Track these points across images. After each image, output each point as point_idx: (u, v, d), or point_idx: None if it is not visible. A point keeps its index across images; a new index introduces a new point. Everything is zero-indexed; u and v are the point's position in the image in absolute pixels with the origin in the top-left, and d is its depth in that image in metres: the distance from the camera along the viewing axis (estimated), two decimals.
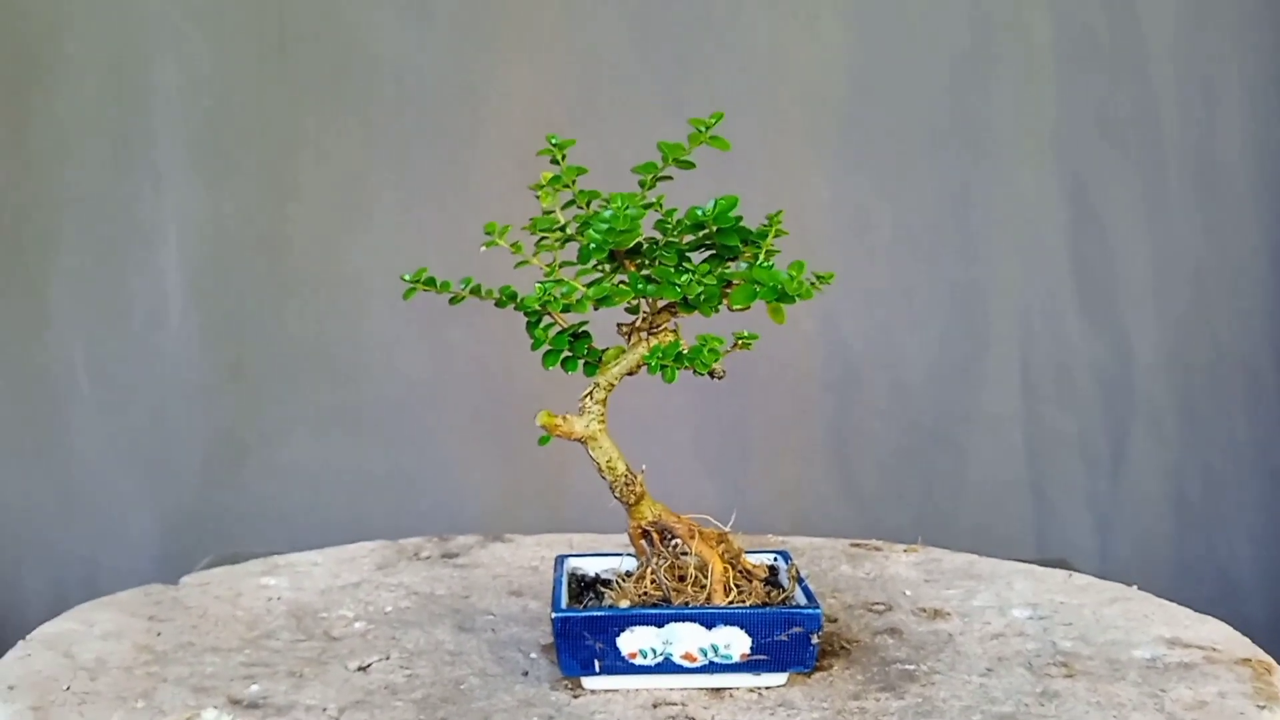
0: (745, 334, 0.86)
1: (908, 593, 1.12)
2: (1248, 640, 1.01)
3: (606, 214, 0.75)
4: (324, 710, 0.86)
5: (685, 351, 0.82)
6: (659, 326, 0.88)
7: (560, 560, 0.98)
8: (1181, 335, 1.75)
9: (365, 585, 1.11)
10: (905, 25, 1.70)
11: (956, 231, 1.73)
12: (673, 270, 0.83)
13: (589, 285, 0.82)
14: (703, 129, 0.79)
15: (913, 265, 1.74)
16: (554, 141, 0.81)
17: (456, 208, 1.59)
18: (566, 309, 0.81)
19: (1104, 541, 1.78)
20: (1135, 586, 1.16)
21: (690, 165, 0.82)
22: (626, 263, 0.87)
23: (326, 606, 1.06)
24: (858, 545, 1.28)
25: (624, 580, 0.94)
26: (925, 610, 1.07)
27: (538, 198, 0.90)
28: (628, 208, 0.76)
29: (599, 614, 0.86)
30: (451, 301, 0.87)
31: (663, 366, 0.81)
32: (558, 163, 0.81)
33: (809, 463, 1.78)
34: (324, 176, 1.68)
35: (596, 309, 0.83)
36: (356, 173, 1.68)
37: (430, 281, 0.86)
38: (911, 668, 0.94)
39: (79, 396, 1.66)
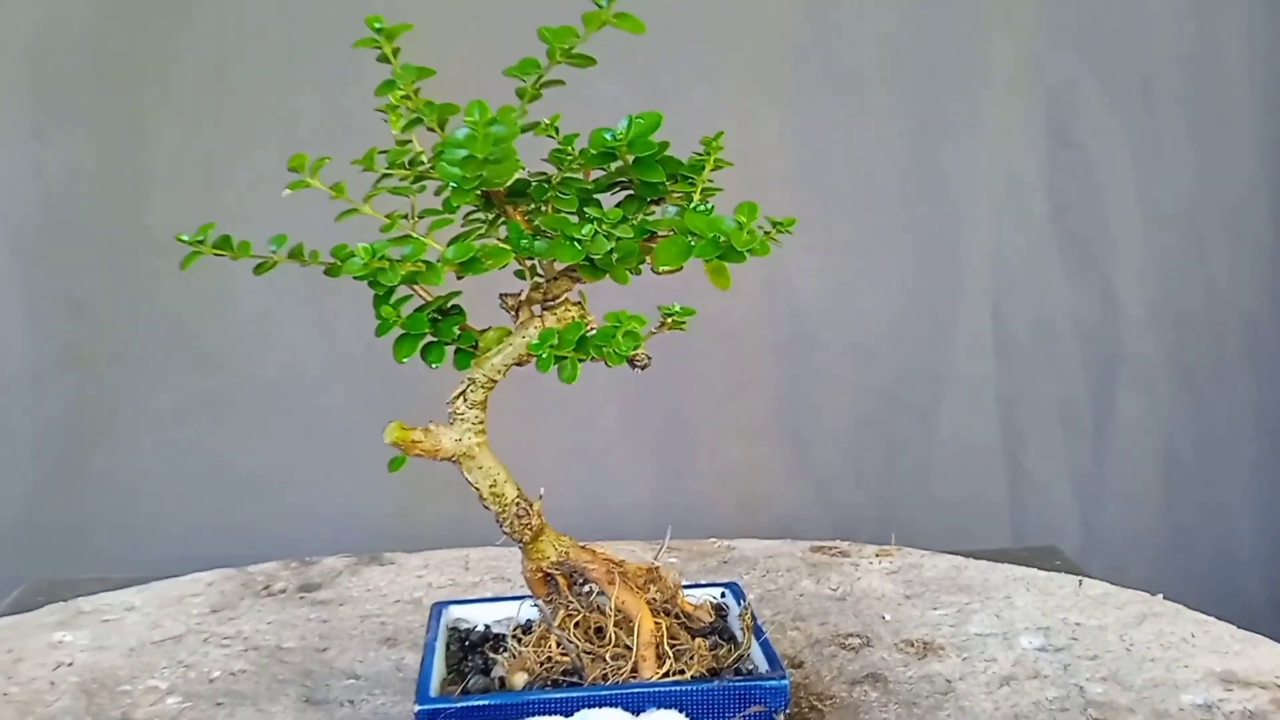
0: (677, 308, 0.61)
1: (887, 617, 0.89)
2: None
3: (461, 134, 0.50)
4: None
5: (591, 335, 0.58)
6: (556, 298, 0.64)
7: (437, 611, 0.73)
8: (1173, 284, 1.54)
9: (190, 639, 0.85)
10: None
11: (921, 171, 1.49)
12: (571, 219, 0.58)
13: (449, 244, 0.57)
14: (601, 3, 0.54)
15: (872, 210, 1.50)
16: (377, 26, 0.55)
17: (340, 158, 1.31)
18: (413, 279, 0.56)
19: (1087, 515, 1.58)
20: (1160, 596, 0.95)
21: (587, 61, 0.57)
22: (509, 209, 0.62)
23: (133, 674, 0.80)
24: (820, 549, 1.05)
25: (521, 638, 0.70)
26: (913, 644, 0.84)
27: (386, 122, 0.64)
28: (492, 124, 0.51)
29: (482, 703, 0.62)
30: (257, 270, 0.62)
31: (558, 359, 0.56)
32: (388, 60, 0.56)
33: (756, 439, 1.55)
34: (177, 121, 1.39)
35: (460, 277, 0.58)
36: (217, 117, 1.39)
37: (225, 243, 0.61)
38: None
39: None
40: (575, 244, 0.55)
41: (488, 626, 0.74)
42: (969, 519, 1.56)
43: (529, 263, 0.68)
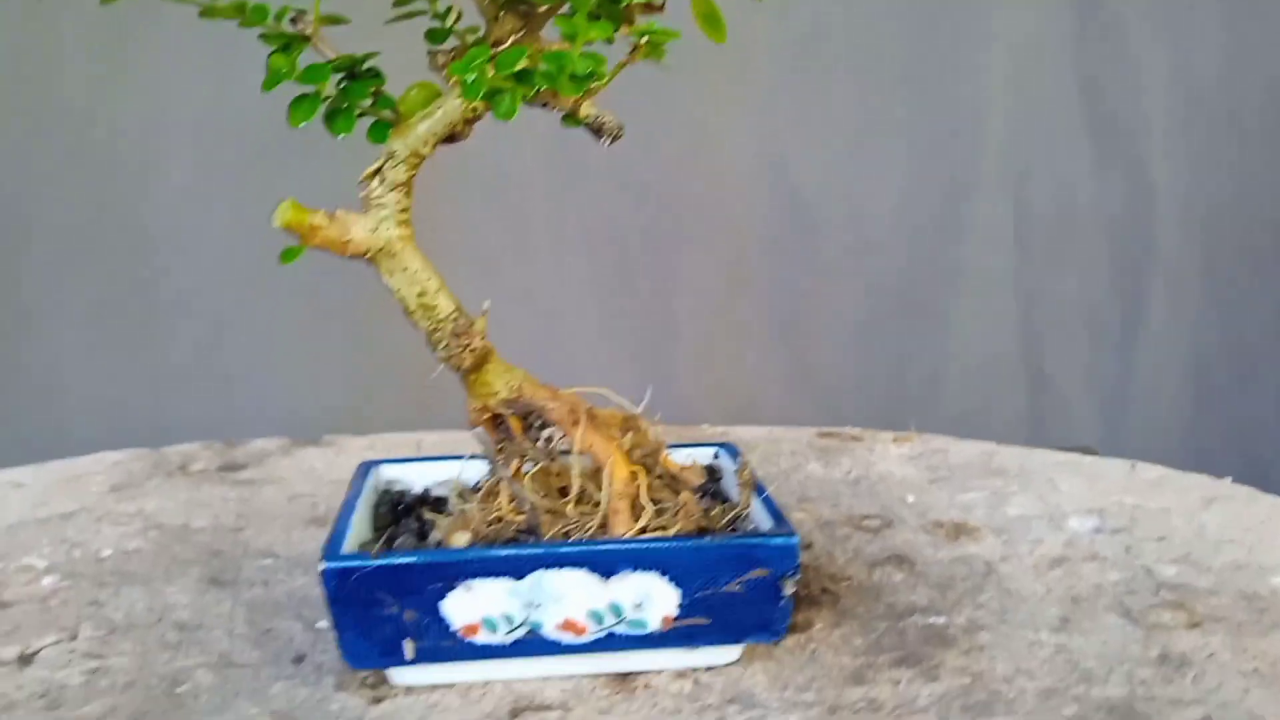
0: (654, 26, 0.47)
1: (910, 499, 0.76)
2: None
3: None
4: None
5: (537, 66, 0.43)
6: (500, 43, 0.49)
7: (364, 470, 0.59)
8: (1209, 173, 1.40)
9: (82, 517, 0.71)
10: None
11: (933, 44, 1.35)
12: None
13: None
14: None
15: (878, 87, 1.36)
16: None
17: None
18: None
19: (1111, 427, 1.45)
20: (1229, 479, 0.82)
21: None
22: None
23: (6, 552, 0.66)
24: (828, 435, 0.92)
25: (466, 498, 0.56)
26: (941, 525, 0.71)
27: None
28: None
29: (407, 560, 0.48)
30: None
31: (494, 92, 0.42)
32: None
33: (750, 343, 1.41)
34: None
35: None
36: None
37: None
38: (940, 621, 0.58)
39: None
40: None
41: (427, 490, 0.60)
42: (983, 430, 1.43)
43: (471, 36, 0.54)
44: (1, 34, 1.20)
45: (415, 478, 0.60)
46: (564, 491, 0.55)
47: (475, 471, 0.59)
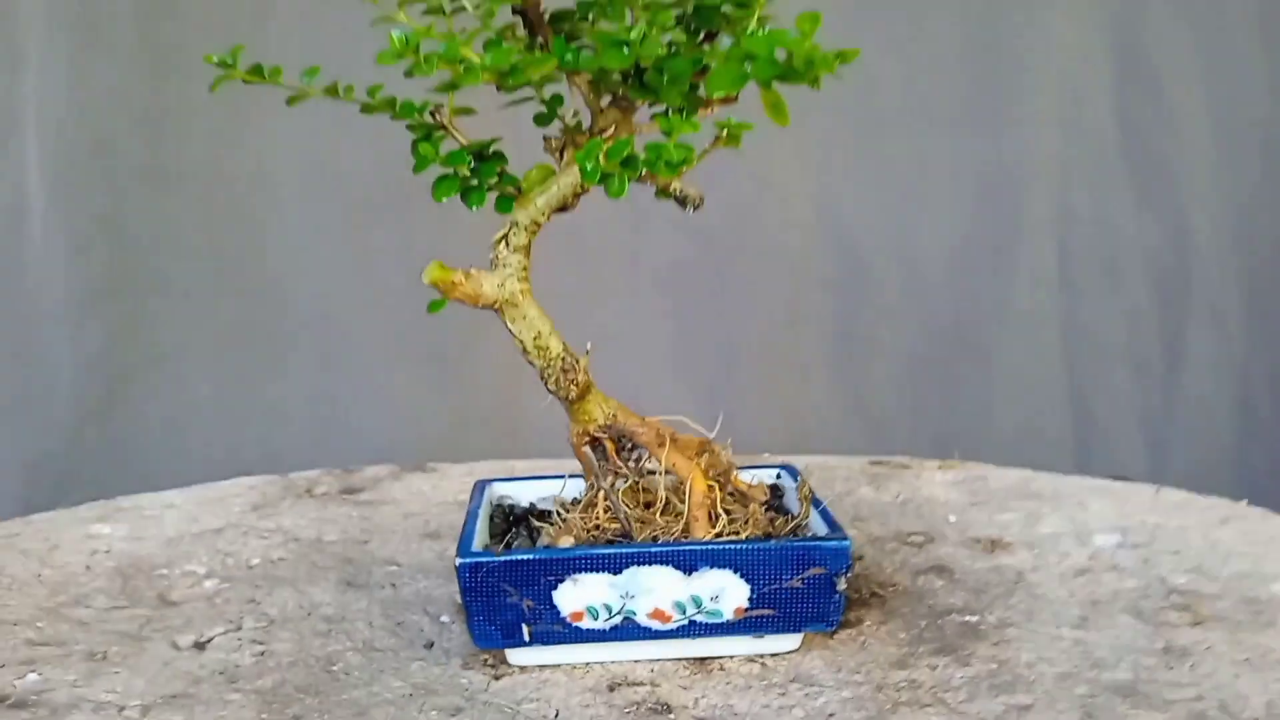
0: (732, 121, 0.57)
1: (952, 519, 0.85)
2: None
3: None
4: (120, 710, 0.58)
5: (639, 153, 0.54)
6: (603, 131, 0.60)
7: (480, 487, 0.70)
8: (1248, 214, 1.47)
9: (230, 532, 0.83)
10: None
11: (981, 92, 1.44)
12: (617, 31, 0.54)
13: (486, 50, 0.53)
14: None
15: (928, 134, 1.45)
16: None
17: (384, 76, 1.27)
18: (453, 87, 0.52)
19: (1156, 461, 1.52)
20: (1245, 502, 0.89)
21: None
22: (550, 32, 0.58)
23: (171, 560, 0.78)
24: (879, 464, 1.01)
25: (567, 510, 0.67)
26: (979, 541, 0.80)
27: None
28: None
29: (527, 557, 0.59)
30: (290, 101, 0.59)
31: (605, 176, 0.53)
32: None
33: (807, 376, 1.51)
34: (213, 44, 1.37)
35: (500, 88, 0.54)
36: (253, 38, 1.37)
37: (257, 71, 0.58)
38: (973, 619, 0.67)
39: None
40: (621, 49, 0.51)
41: (532, 504, 0.70)
42: (1031, 464, 1.51)
43: (571, 119, 0.65)
44: (135, 102, 1.34)
45: (522, 493, 0.71)
46: (649, 505, 0.65)
47: (572, 489, 0.69)
